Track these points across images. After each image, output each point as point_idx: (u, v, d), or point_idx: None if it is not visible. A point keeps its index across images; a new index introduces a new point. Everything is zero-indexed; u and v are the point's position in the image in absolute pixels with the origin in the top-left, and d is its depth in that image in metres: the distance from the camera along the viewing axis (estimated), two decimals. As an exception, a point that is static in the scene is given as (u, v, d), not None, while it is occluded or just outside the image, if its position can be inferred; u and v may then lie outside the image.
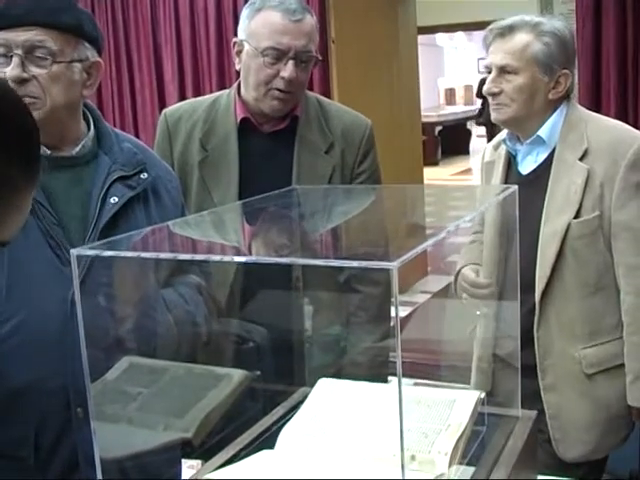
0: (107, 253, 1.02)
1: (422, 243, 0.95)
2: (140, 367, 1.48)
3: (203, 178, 1.98)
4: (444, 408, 1.33)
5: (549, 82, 1.94)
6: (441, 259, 7.27)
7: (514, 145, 2.04)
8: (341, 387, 1.43)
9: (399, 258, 0.84)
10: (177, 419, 1.41)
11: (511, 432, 1.38)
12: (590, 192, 1.90)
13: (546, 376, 1.95)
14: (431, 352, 3.08)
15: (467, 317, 2.73)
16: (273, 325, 1.72)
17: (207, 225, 1.50)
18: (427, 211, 1.44)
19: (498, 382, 1.92)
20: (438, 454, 1.23)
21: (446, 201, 1.62)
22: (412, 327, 3.58)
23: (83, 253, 1.02)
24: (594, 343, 1.93)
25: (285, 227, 1.43)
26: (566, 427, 1.94)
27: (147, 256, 1.04)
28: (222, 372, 1.50)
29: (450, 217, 1.35)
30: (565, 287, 1.91)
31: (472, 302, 2.12)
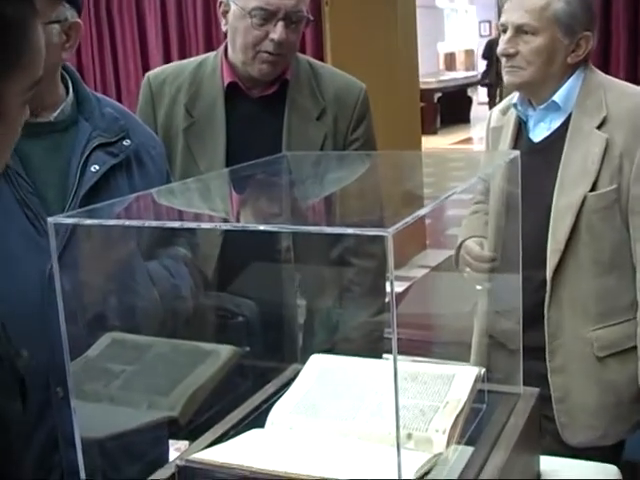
0: (87, 221, 1.01)
1: (419, 210, 0.94)
2: (123, 343, 1.48)
3: (188, 145, 1.97)
4: (442, 384, 1.34)
5: (569, 44, 1.89)
6: (440, 232, 7.27)
7: (526, 110, 2.00)
8: (334, 363, 1.43)
9: (394, 225, 0.84)
10: (162, 397, 1.42)
11: (512, 410, 1.38)
12: (608, 163, 1.87)
13: (555, 357, 1.93)
14: (429, 329, 3.09)
15: (467, 292, 2.74)
16: (263, 299, 1.72)
17: (192, 193, 1.49)
18: (425, 179, 1.43)
19: (499, 360, 1.91)
20: (435, 432, 1.23)
21: (446, 168, 1.62)
22: (409, 302, 3.58)
23: (61, 222, 1.01)
24: (607, 324, 1.92)
25: (275, 195, 1.42)
26: (573, 411, 1.94)
27: (130, 224, 1.03)
28: (209, 348, 1.50)
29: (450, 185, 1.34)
30: (578, 264, 1.89)
31: (474, 276, 2.11)
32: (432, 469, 1.15)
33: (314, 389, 1.36)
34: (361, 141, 2.03)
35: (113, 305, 1.34)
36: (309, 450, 1.22)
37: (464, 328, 2.41)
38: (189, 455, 1.19)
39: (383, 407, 1.29)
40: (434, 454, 1.18)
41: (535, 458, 1.46)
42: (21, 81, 0.84)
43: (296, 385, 1.39)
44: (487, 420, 1.35)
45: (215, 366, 1.47)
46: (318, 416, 1.29)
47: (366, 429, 1.25)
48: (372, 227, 0.87)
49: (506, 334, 1.86)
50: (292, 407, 1.32)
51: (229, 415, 1.40)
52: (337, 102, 2.03)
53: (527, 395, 1.44)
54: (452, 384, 1.34)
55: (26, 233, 1.42)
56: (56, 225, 1.00)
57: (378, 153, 2.09)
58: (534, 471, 1.44)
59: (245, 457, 1.13)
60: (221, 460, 1.12)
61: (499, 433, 1.30)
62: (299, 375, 1.42)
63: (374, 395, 1.32)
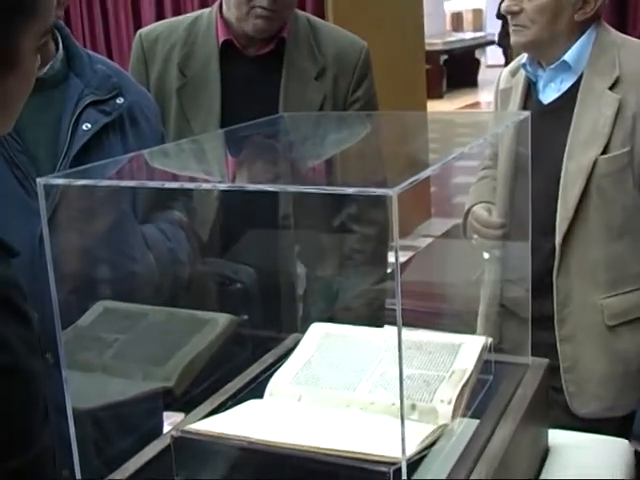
0: (79, 182, 1.01)
1: (423, 170, 0.94)
2: (116, 312, 1.49)
3: (182, 106, 1.96)
4: (447, 354, 1.34)
5: (576, 1, 1.88)
6: (445, 200, 7.26)
7: (535, 71, 1.99)
8: (335, 332, 1.43)
9: (399, 185, 0.83)
10: (157, 367, 1.42)
11: (520, 381, 1.39)
12: (620, 125, 1.86)
13: (564, 326, 1.94)
14: (433, 299, 3.09)
15: (474, 261, 2.74)
16: (262, 266, 1.72)
17: (186, 155, 1.49)
18: (431, 140, 1.43)
19: (506, 331, 1.92)
20: (441, 403, 1.24)
21: (452, 133, 1.61)
22: (412, 272, 3.58)
23: (51, 182, 1.01)
24: (617, 292, 1.92)
25: (272, 157, 1.42)
26: (581, 381, 1.95)
27: (124, 185, 1.03)
28: (206, 316, 1.51)
29: (458, 143, 1.34)
30: (589, 230, 1.89)
31: (482, 244, 2.12)
32: (437, 441, 1.16)
33: (315, 359, 1.37)
34: (362, 102, 2.02)
35: (106, 270, 1.35)
36: (309, 421, 1.22)
37: (470, 298, 2.41)
38: (185, 426, 1.19)
39: (386, 377, 1.30)
40: (439, 425, 1.18)
41: (543, 431, 1.47)
42: (35, 30, 0.85)
43: (296, 355, 1.40)
44: (494, 391, 1.36)
45: (212, 335, 1.47)
46: (319, 386, 1.30)
47: (368, 400, 1.26)
48: (376, 187, 0.86)
49: (515, 302, 1.87)
50: (292, 377, 1.33)
51: (226, 386, 1.40)
52: (337, 61, 2.02)
53: (536, 366, 1.45)
54: (458, 354, 1.34)
55: (15, 194, 1.42)
56: (46, 186, 1.00)
57: (380, 113, 2.09)
58: (542, 445, 1.45)
59: (243, 428, 1.14)
60: (218, 431, 1.12)
61: (506, 405, 1.31)
62: (299, 344, 1.42)
63: (377, 365, 1.33)
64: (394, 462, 1.03)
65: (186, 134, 1.90)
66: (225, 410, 1.29)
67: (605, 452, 1.49)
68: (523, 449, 1.31)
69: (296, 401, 1.29)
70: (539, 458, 1.42)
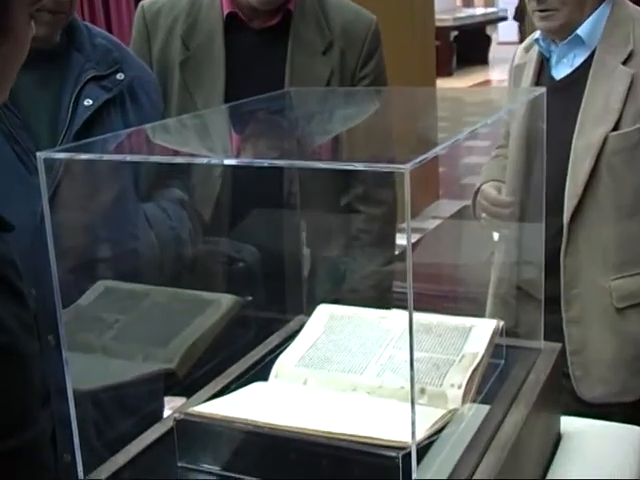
0: (80, 156, 1.01)
1: (436, 146, 0.94)
2: (117, 292, 1.49)
3: (185, 81, 1.95)
4: (458, 337, 1.34)
5: None
6: (454, 181, 7.25)
7: (548, 46, 1.98)
8: (342, 313, 1.43)
9: (411, 161, 0.83)
10: (159, 349, 1.42)
11: (532, 366, 1.39)
12: (632, 101, 1.85)
13: (571, 308, 1.95)
14: (442, 282, 3.09)
15: (483, 243, 2.74)
16: (266, 246, 1.72)
17: (189, 130, 1.49)
18: (441, 116, 1.42)
19: (517, 314, 1.92)
20: (451, 387, 1.24)
21: (463, 108, 1.60)
22: (421, 255, 3.57)
23: (51, 157, 1.00)
24: (627, 273, 1.92)
25: (278, 133, 1.41)
26: (589, 364, 1.95)
27: (128, 159, 1.03)
28: (210, 297, 1.51)
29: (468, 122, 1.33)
30: (598, 209, 1.89)
31: (491, 224, 2.11)
32: (446, 426, 1.16)
33: (321, 341, 1.37)
34: (371, 78, 2.01)
35: (108, 249, 1.35)
36: (316, 405, 1.23)
37: (480, 282, 2.41)
38: (188, 409, 1.20)
39: (394, 360, 1.30)
40: (449, 410, 1.18)
41: (556, 418, 1.47)
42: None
43: (302, 336, 1.40)
44: (505, 376, 1.36)
45: (215, 316, 1.47)
46: (325, 369, 1.30)
47: (376, 383, 1.26)
48: (388, 163, 0.86)
49: (526, 284, 1.87)
50: (297, 359, 1.33)
51: (230, 368, 1.41)
52: (345, 35, 2.01)
53: (548, 350, 1.45)
54: (469, 337, 1.34)
55: (15, 171, 1.41)
56: (47, 161, 1.00)
57: (390, 89, 2.07)
58: (554, 431, 1.46)
59: (248, 411, 1.14)
60: (222, 414, 1.12)
61: (518, 390, 1.31)
62: (305, 326, 1.42)
63: (385, 348, 1.33)
64: (403, 447, 1.03)
65: (189, 109, 1.90)
66: (229, 393, 1.29)
67: (617, 439, 1.49)
68: (535, 435, 1.32)
69: (302, 384, 1.29)
70: (551, 445, 1.42)
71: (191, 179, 1.63)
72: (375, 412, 1.20)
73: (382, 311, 1.44)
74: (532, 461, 1.32)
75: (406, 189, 0.80)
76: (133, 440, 1.20)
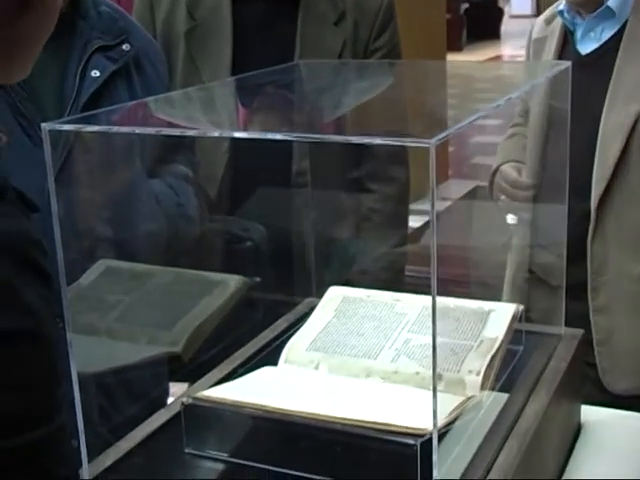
0: (87, 128, 1.00)
1: (460, 122, 0.94)
2: (119, 271, 1.49)
3: (190, 52, 1.95)
4: (476, 322, 1.35)
5: None
6: (464, 161, 7.25)
7: (573, 18, 1.96)
8: (354, 296, 1.43)
9: (436, 135, 0.83)
10: (163, 331, 1.43)
11: (552, 353, 1.39)
12: None
13: (598, 296, 1.93)
14: (454, 266, 3.08)
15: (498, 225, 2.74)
16: (274, 226, 1.72)
17: (194, 103, 1.48)
18: (458, 92, 1.42)
19: (536, 300, 1.91)
20: (469, 373, 1.24)
21: (480, 82, 1.60)
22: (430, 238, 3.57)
23: (57, 128, 1.00)
24: None
25: (287, 107, 1.41)
26: (616, 355, 1.95)
27: (137, 132, 1.02)
28: (216, 278, 1.51)
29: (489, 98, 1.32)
30: (628, 192, 1.87)
31: (509, 206, 2.11)
32: (463, 413, 1.16)
33: (333, 324, 1.37)
34: (384, 51, 2.00)
35: (115, 227, 1.34)
36: (328, 390, 1.23)
37: (494, 265, 2.41)
38: (194, 393, 1.20)
39: (410, 345, 1.31)
40: (467, 397, 1.19)
41: (576, 407, 1.48)
42: None
43: (312, 320, 1.40)
44: (525, 363, 1.36)
45: (222, 298, 1.47)
46: (337, 354, 1.31)
47: (391, 368, 1.27)
48: (411, 138, 0.86)
49: (547, 269, 1.87)
50: (308, 343, 1.34)
51: (237, 352, 1.41)
52: (358, 5, 2.00)
53: (569, 336, 1.45)
54: (487, 322, 1.34)
55: (21, 144, 1.41)
56: (52, 133, 0.99)
57: (404, 62, 2.07)
58: (575, 421, 1.46)
59: (258, 396, 1.14)
60: (232, 398, 1.13)
61: (538, 377, 1.32)
62: (316, 309, 1.43)
63: (399, 332, 1.34)
64: (421, 434, 1.03)
65: (195, 82, 1.89)
66: (237, 378, 1.29)
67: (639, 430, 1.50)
68: (555, 425, 1.32)
69: (313, 369, 1.30)
70: (571, 435, 1.43)
71: (198, 154, 1.63)
72: (390, 398, 1.20)
73: (396, 294, 1.44)
74: (553, 451, 1.32)
75: (431, 166, 0.80)
76: (138, 425, 1.21)
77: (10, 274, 0.66)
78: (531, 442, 1.16)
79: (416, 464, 1.02)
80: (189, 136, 1.49)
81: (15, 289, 0.66)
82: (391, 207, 2.01)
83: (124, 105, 1.35)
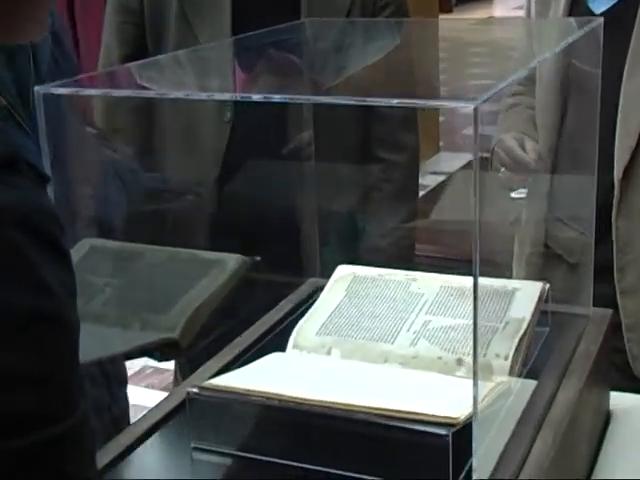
0: (86, 92, 0.98)
1: (501, 82, 0.92)
2: (105, 251, 1.47)
3: (184, 12, 1.89)
4: (499, 301, 1.33)
5: None
6: (456, 131, 7.21)
7: None
8: (365, 274, 1.42)
9: (480, 97, 0.81)
10: (158, 315, 1.40)
11: (581, 335, 1.39)
12: None
13: (625, 276, 1.91)
14: (458, 244, 3.09)
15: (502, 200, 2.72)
16: (277, 200, 1.70)
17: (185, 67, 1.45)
18: (479, 50, 1.41)
19: (553, 278, 1.90)
20: (496, 358, 1.23)
21: (500, 40, 1.58)
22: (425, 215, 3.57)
23: (52, 92, 0.97)
24: None
25: (293, 69, 1.39)
26: None
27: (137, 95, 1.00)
28: (213, 257, 1.48)
29: (511, 57, 1.31)
30: None
31: (512, 179, 2.09)
32: (492, 401, 1.15)
33: (344, 306, 1.36)
34: (392, 8, 1.98)
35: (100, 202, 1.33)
36: (344, 377, 1.22)
37: (501, 241, 2.40)
38: (199, 382, 1.19)
39: (430, 327, 1.30)
40: (497, 383, 1.18)
41: (606, 393, 1.48)
42: None
43: (321, 301, 1.39)
44: (552, 346, 1.35)
45: (221, 279, 1.45)
46: (351, 337, 1.29)
47: (410, 353, 1.26)
48: (454, 100, 0.84)
49: (567, 245, 1.86)
50: (319, 327, 1.32)
51: (239, 337, 1.41)
52: None
53: (598, 317, 1.45)
54: (512, 301, 1.33)
55: None
56: (46, 96, 0.97)
57: (416, 21, 2.05)
58: (605, 408, 1.46)
59: (270, 384, 1.13)
60: (242, 387, 1.11)
61: (568, 362, 1.31)
62: (325, 289, 1.41)
63: (417, 313, 1.33)
64: (452, 424, 1.02)
65: (189, 45, 1.85)
66: (241, 365, 1.28)
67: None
68: (588, 412, 1.32)
69: (325, 354, 1.29)
70: (601, 423, 1.43)
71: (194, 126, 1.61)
72: (413, 385, 1.19)
73: (410, 272, 1.43)
74: (586, 440, 1.32)
75: (475, 130, 0.79)
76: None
77: (28, 250, 0.64)
78: (566, 431, 1.15)
79: (447, 456, 1.01)
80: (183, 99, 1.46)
81: (34, 266, 0.64)
82: (401, 177, 1.99)
83: (114, 69, 1.32)
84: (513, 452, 1.09)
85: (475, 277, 0.90)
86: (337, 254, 1.66)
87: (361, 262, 1.48)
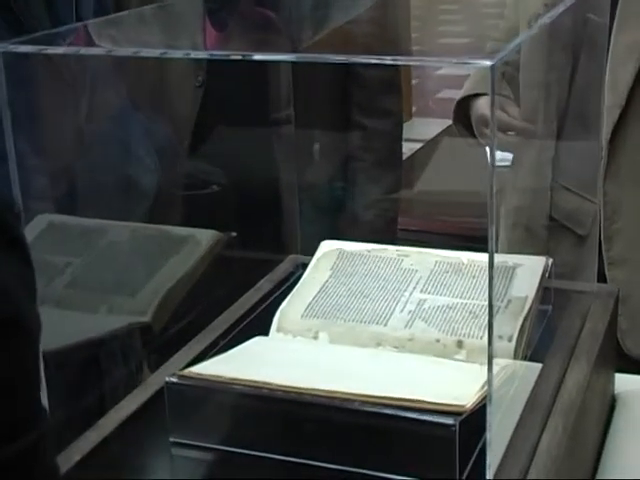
0: (51, 50, 0.95)
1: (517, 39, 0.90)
2: (65, 228, 1.45)
3: None
4: (500, 277, 1.32)
5: None
6: (429, 95, 7.19)
7: None
8: (352, 250, 1.40)
9: (496, 56, 0.79)
10: (127, 298, 1.39)
11: (586, 313, 1.38)
12: None
13: (613, 245, 1.90)
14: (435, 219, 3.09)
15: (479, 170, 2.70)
16: (252, 171, 1.68)
17: (149, 24, 1.42)
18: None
19: (552, 250, 1.89)
20: (499, 339, 1.21)
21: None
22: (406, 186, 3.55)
23: (12, 50, 0.94)
24: None
25: (271, 25, 1.36)
26: (637, 314, 1.94)
27: (116, 54, 0.97)
28: (185, 233, 1.47)
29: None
30: None
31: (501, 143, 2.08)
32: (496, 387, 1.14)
33: (330, 285, 1.34)
34: None
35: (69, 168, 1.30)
36: (336, 363, 1.20)
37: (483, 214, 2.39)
38: (176, 370, 1.16)
39: (425, 307, 1.28)
40: (501, 367, 1.16)
41: (612, 375, 1.47)
42: None
43: (305, 280, 1.37)
44: (556, 326, 1.34)
45: (194, 257, 1.43)
46: (340, 319, 1.28)
47: (405, 335, 1.24)
48: (470, 58, 0.82)
49: (576, 217, 1.84)
50: (304, 309, 1.30)
51: (216, 320, 1.38)
52: None
53: (603, 294, 1.44)
54: (513, 278, 1.32)
55: None
56: (6, 56, 0.94)
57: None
58: (610, 391, 1.45)
59: (256, 371, 1.11)
60: (227, 375, 1.09)
61: (574, 343, 1.30)
62: (308, 267, 1.39)
63: (411, 292, 1.31)
64: (458, 412, 1.01)
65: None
66: (221, 351, 1.26)
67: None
68: (596, 397, 1.31)
69: (311, 338, 1.27)
70: (607, 408, 1.42)
71: (163, 92, 1.59)
72: (410, 371, 1.18)
73: (402, 247, 1.42)
74: (594, 425, 1.32)
75: (491, 90, 0.76)
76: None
77: None
78: (576, 418, 1.14)
79: (454, 447, 0.99)
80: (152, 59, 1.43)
81: None
82: (385, 144, 1.98)
83: (72, 26, 1.29)
84: (520, 443, 1.07)
85: (491, 254, 0.87)
86: (319, 229, 1.64)
87: (345, 237, 1.46)
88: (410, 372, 1.18)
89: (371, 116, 1.96)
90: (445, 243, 1.97)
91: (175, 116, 1.72)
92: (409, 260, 1.38)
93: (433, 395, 1.04)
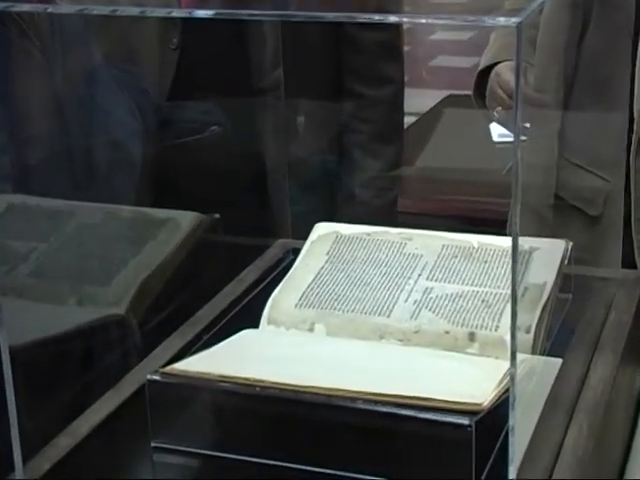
0: (16, 8, 0.94)
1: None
2: (27, 210, 1.45)
3: None
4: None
5: None
6: (422, 64, 7.18)
7: None
8: (349, 233, 1.41)
9: (522, 14, 0.79)
10: (99, 288, 1.39)
11: (611, 302, 1.38)
12: None
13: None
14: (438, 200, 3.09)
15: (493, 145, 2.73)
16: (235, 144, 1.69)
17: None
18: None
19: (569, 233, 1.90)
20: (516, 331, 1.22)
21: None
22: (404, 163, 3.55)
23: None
24: None
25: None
26: None
27: (91, 12, 0.97)
28: (163, 215, 1.48)
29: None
30: None
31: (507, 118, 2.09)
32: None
33: (326, 272, 1.35)
34: None
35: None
36: (335, 358, 1.20)
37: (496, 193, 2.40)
38: (155, 367, 1.16)
39: (432, 296, 1.28)
40: (519, 361, 1.16)
41: (638, 370, 1.47)
42: None
43: (298, 267, 1.37)
44: (577, 316, 1.35)
45: (173, 242, 1.44)
46: (338, 310, 1.28)
47: (411, 327, 1.24)
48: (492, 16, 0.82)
49: (586, 196, 1.85)
50: (297, 298, 1.30)
51: (199, 311, 1.38)
52: None
53: (630, 281, 1.44)
54: (530, 263, 1.32)
55: None
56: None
57: None
58: (638, 388, 1.46)
59: (248, 368, 1.11)
60: (215, 372, 1.09)
61: (598, 334, 1.30)
62: (301, 253, 1.40)
63: (415, 279, 1.32)
64: (474, 411, 1.01)
65: None
66: (206, 345, 1.26)
67: None
68: (622, 393, 1.31)
69: (307, 331, 1.27)
70: (635, 404, 1.43)
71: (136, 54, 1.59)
72: (418, 366, 1.18)
73: (405, 230, 1.42)
74: (621, 424, 1.32)
75: (518, 52, 0.76)
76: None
77: None
78: (603, 417, 1.15)
79: (470, 449, 1.00)
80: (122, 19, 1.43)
81: None
82: (385, 114, 1.99)
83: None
84: (542, 445, 1.08)
85: (515, 238, 0.87)
86: (311, 210, 1.65)
87: (340, 219, 1.47)
88: (417, 367, 1.18)
89: (370, 84, 1.97)
90: (449, 225, 1.97)
91: (147, 82, 1.71)
92: (413, 244, 1.38)
93: (445, 393, 1.05)
